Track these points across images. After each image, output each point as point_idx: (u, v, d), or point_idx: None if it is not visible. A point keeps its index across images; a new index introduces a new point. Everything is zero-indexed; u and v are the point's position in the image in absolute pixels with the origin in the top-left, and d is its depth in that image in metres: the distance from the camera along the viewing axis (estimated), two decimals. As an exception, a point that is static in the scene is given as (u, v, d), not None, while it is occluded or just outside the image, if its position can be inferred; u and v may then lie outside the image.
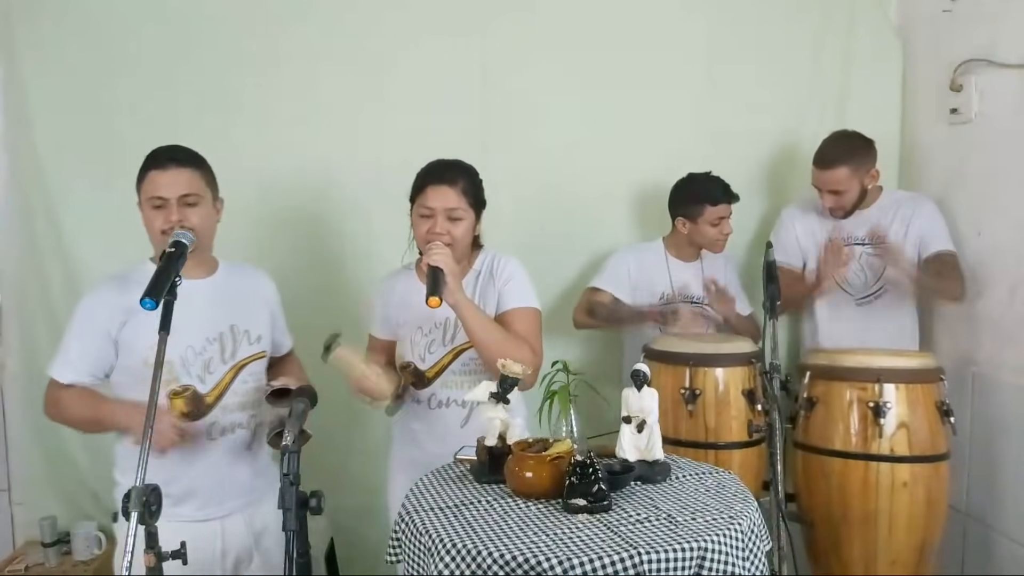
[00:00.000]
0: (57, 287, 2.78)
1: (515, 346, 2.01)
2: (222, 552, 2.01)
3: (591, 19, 3.00)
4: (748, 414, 2.46)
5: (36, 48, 2.74)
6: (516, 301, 2.15)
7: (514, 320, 2.12)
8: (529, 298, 2.17)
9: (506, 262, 2.20)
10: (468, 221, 2.12)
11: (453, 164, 2.16)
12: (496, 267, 2.19)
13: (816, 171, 2.77)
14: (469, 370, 2.16)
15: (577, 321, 2.88)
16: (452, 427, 2.16)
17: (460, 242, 2.11)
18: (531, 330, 2.13)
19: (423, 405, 2.19)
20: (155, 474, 1.80)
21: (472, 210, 2.13)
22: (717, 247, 2.85)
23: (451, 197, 2.09)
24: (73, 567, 2.73)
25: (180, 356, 1.94)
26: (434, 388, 2.18)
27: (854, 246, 2.84)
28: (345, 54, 2.89)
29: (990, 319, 2.66)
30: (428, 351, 2.17)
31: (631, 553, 1.43)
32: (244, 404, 2.02)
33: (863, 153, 2.74)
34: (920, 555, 2.37)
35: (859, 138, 2.76)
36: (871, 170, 2.76)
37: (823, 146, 2.78)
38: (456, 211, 2.09)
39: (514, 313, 2.13)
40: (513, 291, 2.16)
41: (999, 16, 2.62)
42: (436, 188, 2.10)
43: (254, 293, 2.12)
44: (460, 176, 2.12)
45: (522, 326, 2.11)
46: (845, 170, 2.72)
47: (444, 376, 2.17)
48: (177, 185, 1.91)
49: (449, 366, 2.16)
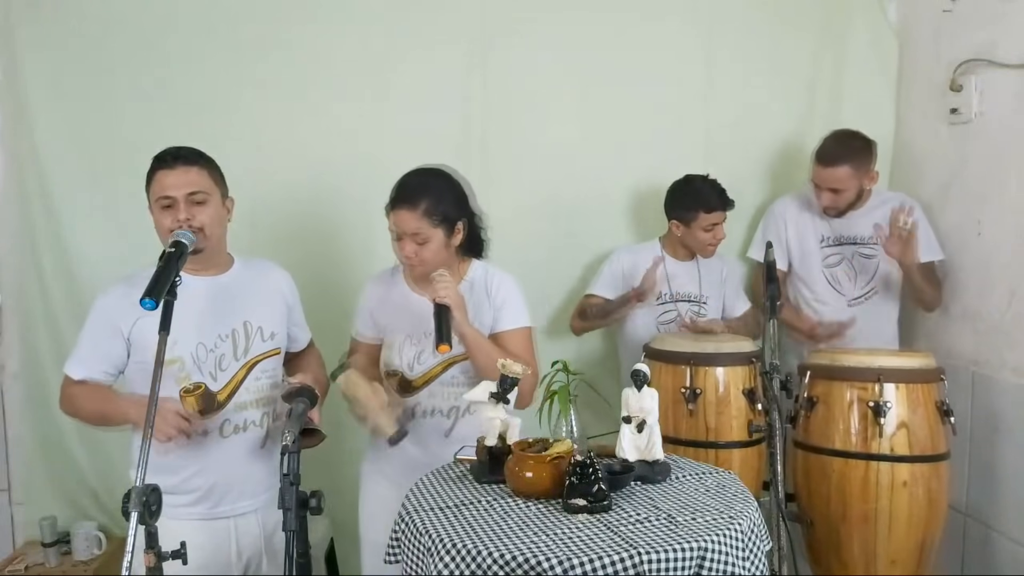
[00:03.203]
0: (57, 287, 2.79)
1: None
2: (237, 553, 2.01)
3: (591, 21, 2.99)
4: (748, 414, 2.46)
5: (36, 48, 2.74)
6: (511, 322, 2.15)
7: (510, 341, 2.13)
8: (523, 318, 2.17)
9: (500, 281, 2.18)
10: (435, 241, 2.06)
11: (417, 183, 2.08)
12: (491, 286, 2.17)
13: (817, 167, 2.77)
14: (458, 382, 2.15)
15: (574, 327, 2.91)
16: (435, 436, 2.16)
17: (430, 262, 2.07)
18: (527, 349, 2.15)
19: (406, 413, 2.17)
20: (168, 473, 1.82)
21: (439, 228, 2.06)
22: (708, 252, 2.86)
23: (410, 221, 2.04)
24: (73, 567, 2.73)
25: (192, 353, 1.94)
26: (420, 397, 2.16)
27: (846, 246, 2.84)
28: (346, 55, 2.88)
29: (990, 319, 2.66)
30: (417, 361, 2.16)
31: (631, 553, 1.43)
32: (257, 402, 2.02)
33: (865, 154, 2.75)
34: (920, 555, 2.37)
35: (862, 138, 2.76)
36: (871, 171, 2.77)
37: (826, 143, 2.77)
38: (418, 235, 2.05)
39: (511, 335, 2.14)
40: (509, 313, 2.16)
41: (999, 16, 2.62)
42: (397, 212, 2.06)
43: (268, 289, 2.12)
44: (423, 196, 2.04)
45: (519, 347, 2.12)
46: (847, 169, 2.72)
47: (431, 386, 2.16)
48: (185, 183, 1.91)
49: (438, 377, 2.15)
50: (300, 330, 2.22)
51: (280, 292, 2.14)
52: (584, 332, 2.93)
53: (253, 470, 2.02)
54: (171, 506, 1.54)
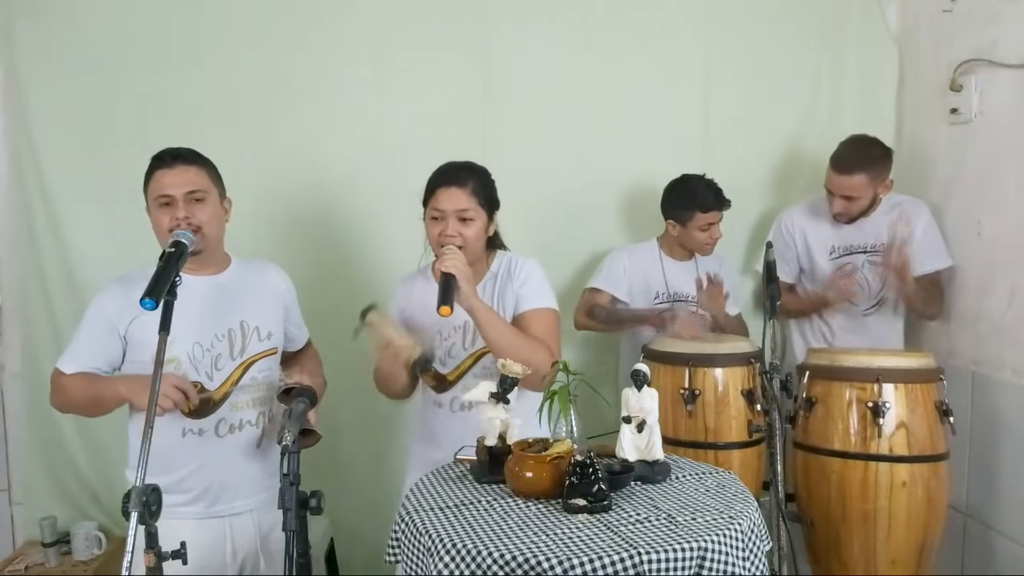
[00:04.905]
0: (57, 287, 2.79)
1: (532, 348, 2.00)
2: (232, 553, 2.01)
3: (591, 22, 3.00)
4: (748, 414, 2.46)
5: (36, 48, 2.75)
6: (534, 302, 2.13)
7: (532, 321, 2.11)
8: (547, 299, 2.15)
9: (523, 263, 2.18)
10: (480, 222, 2.10)
11: (464, 166, 2.15)
12: (514, 269, 2.17)
13: (832, 174, 2.72)
14: (490, 373, 2.12)
15: (578, 322, 2.88)
16: (474, 430, 2.15)
17: (472, 244, 2.09)
18: (549, 331, 2.12)
19: (445, 408, 2.17)
20: (163, 472, 1.82)
21: (484, 211, 2.11)
22: (705, 251, 2.85)
23: (461, 198, 2.08)
24: (73, 567, 2.73)
25: (188, 353, 1.94)
26: (455, 391, 2.16)
27: (856, 255, 2.82)
28: (348, 58, 2.89)
29: (990, 319, 2.66)
30: (448, 355, 2.16)
31: (631, 553, 1.43)
32: (253, 401, 2.03)
33: (882, 162, 2.71)
34: (920, 555, 2.37)
35: (880, 146, 2.73)
36: (886, 180, 2.74)
37: (843, 150, 2.72)
38: (467, 212, 2.08)
39: (532, 314, 2.12)
40: (531, 292, 2.14)
41: (999, 16, 2.62)
42: (446, 190, 2.08)
43: (265, 289, 2.12)
44: (470, 177, 2.11)
45: (540, 327, 2.10)
46: (863, 177, 2.68)
47: (465, 379, 2.15)
48: (184, 182, 1.92)
49: (470, 370, 2.15)
50: (298, 330, 2.23)
51: (277, 292, 2.14)
52: (587, 330, 2.91)
53: (249, 470, 2.02)
54: (167, 505, 1.54)
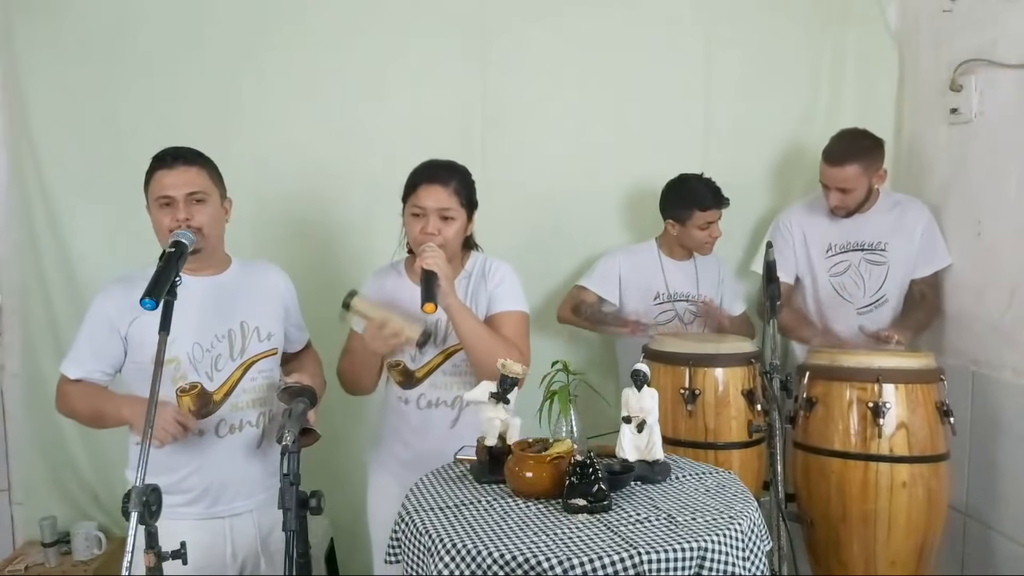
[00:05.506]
0: (57, 287, 2.79)
1: (505, 349, 2.01)
2: (232, 554, 2.01)
3: (591, 19, 2.99)
4: (748, 414, 2.45)
5: (36, 48, 2.74)
6: (507, 304, 2.16)
7: (504, 322, 2.14)
8: (519, 302, 2.18)
9: (498, 266, 2.21)
10: (460, 221, 2.12)
11: (446, 164, 2.16)
12: (488, 270, 2.20)
13: (825, 167, 2.74)
14: (460, 371, 2.16)
15: (560, 316, 2.89)
16: (441, 427, 2.16)
17: (451, 242, 2.11)
18: (519, 333, 2.15)
19: (411, 405, 2.18)
20: (164, 472, 1.82)
21: (464, 210, 2.13)
22: (705, 250, 2.85)
23: (443, 197, 2.09)
24: (73, 567, 2.73)
25: (188, 353, 1.94)
26: (423, 388, 2.17)
27: (852, 252, 2.83)
28: (346, 57, 2.89)
29: (990, 319, 2.66)
30: (419, 351, 2.17)
31: (631, 553, 1.43)
32: (253, 402, 2.02)
33: (874, 152, 2.73)
34: (920, 555, 2.37)
35: (870, 137, 2.75)
36: (880, 170, 2.75)
37: (834, 143, 2.75)
38: (448, 211, 2.09)
39: (504, 316, 2.15)
40: (504, 294, 2.17)
41: (999, 16, 2.61)
42: (428, 187, 2.09)
43: (266, 289, 2.12)
44: (452, 176, 2.12)
45: (511, 329, 2.13)
46: (855, 168, 2.70)
47: (434, 377, 2.17)
48: (184, 183, 1.92)
49: (440, 367, 2.16)
50: (298, 331, 2.23)
51: (278, 292, 2.14)
52: (568, 324, 2.91)
53: (249, 470, 2.02)
54: (167, 505, 1.54)
